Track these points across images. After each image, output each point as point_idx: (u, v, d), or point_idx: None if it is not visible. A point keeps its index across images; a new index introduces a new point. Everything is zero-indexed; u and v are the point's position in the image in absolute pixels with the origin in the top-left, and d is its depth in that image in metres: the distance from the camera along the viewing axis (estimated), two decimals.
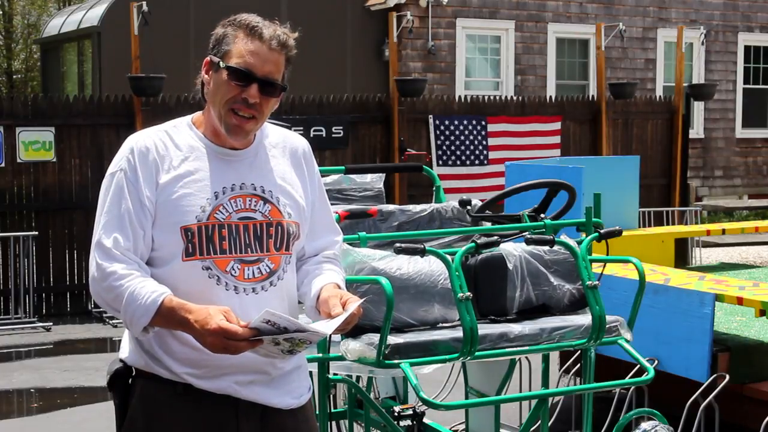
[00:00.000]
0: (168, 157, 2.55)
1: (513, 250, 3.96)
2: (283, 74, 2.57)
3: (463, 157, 12.28)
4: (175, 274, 2.50)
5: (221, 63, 2.52)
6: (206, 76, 2.58)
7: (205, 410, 2.53)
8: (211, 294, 2.47)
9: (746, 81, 18.56)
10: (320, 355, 3.80)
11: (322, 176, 4.23)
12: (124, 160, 2.54)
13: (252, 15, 2.57)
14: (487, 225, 4.37)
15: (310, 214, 2.70)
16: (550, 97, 14.13)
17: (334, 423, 4.77)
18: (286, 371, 2.62)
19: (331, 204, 2.90)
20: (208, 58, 2.58)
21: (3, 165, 9.91)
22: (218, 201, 2.53)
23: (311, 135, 11.19)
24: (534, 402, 4.13)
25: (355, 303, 2.49)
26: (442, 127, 12.16)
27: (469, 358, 3.53)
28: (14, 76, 28.01)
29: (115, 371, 2.60)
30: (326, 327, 2.39)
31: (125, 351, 2.62)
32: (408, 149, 11.70)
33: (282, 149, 2.69)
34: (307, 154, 2.74)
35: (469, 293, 3.50)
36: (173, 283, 2.49)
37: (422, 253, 3.55)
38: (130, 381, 2.60)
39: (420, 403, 4.14)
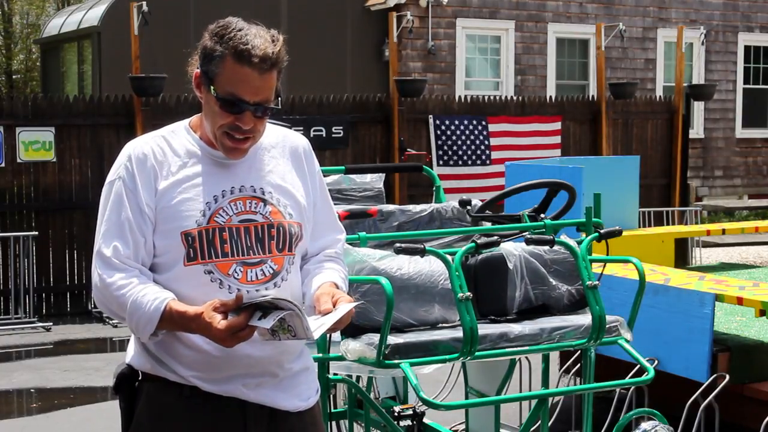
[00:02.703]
0: (166, 164, 2.54)
1: (513, 250, 3.96)
2: (276, 88, 2.52)
3: (465, 157, 12.28)
4: (178, 279, 2.50)
5: (212, 89, 2.47)
6: (198, 91, 2.55)
7: (212, 413, 2.53)
8: (214, 297, 2.45)
9: (746, 81, 18.55)
10: (320, 355, 3.79)
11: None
12: (123, 168, 2.53)
13: (240, 28, 2.46)
14: (487, 225, 4.37)
15: (311, 213, 2.69)
16: (550, 97, 14.13)
17: (334, 423, 4.77)
18: (294, 372, 2.62)
19: None
20: (197, 71, 2.53)
21: (3, 165, 9.91)
22: (218, 204, 2.52)
23: (311, 135, 11.19)
24: (534, 402, 4.13)
25: (345, 306, 2.46)
26: (442, 127, 12.16)
27: (469, 358, 3.53)
28: (14, 76, 28.00)
29: (121, 374, 2.59)
30: (315, 325, 2.37)
31: (131, 354, 2.62)
32: (408, 149, 11.70)
33: (282, 149, 2.68)
34: (307, 152, 2.73)
35: (469, 293, 3.50)
36: (176, 288, 2.49)
37: (422, 253, 3.55)
38: (136, 384, 2.60)
39: (420, 403, 4.13)
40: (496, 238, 3.80)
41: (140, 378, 2.59)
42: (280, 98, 2.55)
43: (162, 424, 2.54)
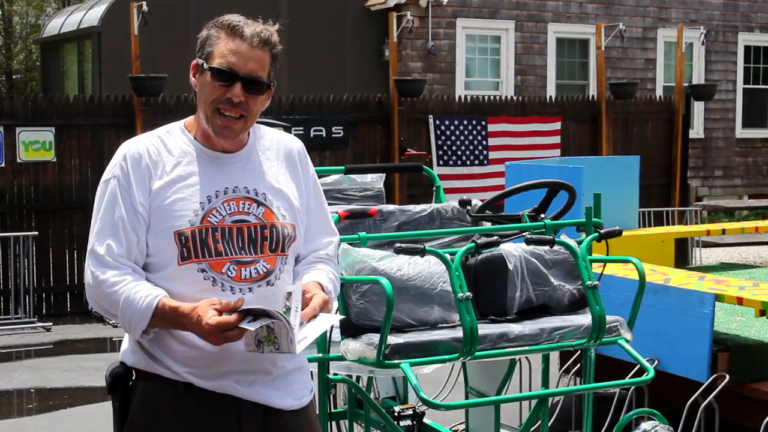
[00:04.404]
0: (161, 163, 2.56)
1: (513, 250, 3.96)
2: (269, 72, 2.56)
3: (464, 157, 12.28)
4: (171, 278, 2.51)
5: (205, 65, 2.53)
6: (193, 79, 2.59)
7: (206, 411, 2.53)
8: (207, 295, 2.47)
9: (746, 81, 18.55)
10: (320, 355, 3.79)
11: (322, 176, 4.21)
12: (117, 167, 2.55)
13: (235, 15, 2.57)
14: (487, 225, 4.37)
15: (305, 215, 2.70)
16: (550, 97, 14.12)
17: (334, 423, 4.77)
18: (288, 371, 2.62)
19: (331, 204, 2.89)
20: (194, 62, 2.58)
21: (3, 165, 9.91)
22: (211, 205, 2.54)
23: (311, 135, 11.19)
24: (534, 402, 4.13)
25: (328, 317, 2.47)
26: (442, 127, 12.16)
27: (469, 358, 3.53)
28: (14, 76, 28.00)
29: (116, 374, 2.60)
30: (298, 337, 2.38)
31: (125, 352, 2.62)
32: (408, 149, 11.70)
33: (276, 151, 2.69)
34: (301, 154, 2.74)
35: (469, 293, 3.50)
36: (169, 286, 2.50)
37: (422, 253, 3.55)
38: (130, 384, 2.60)
39: (420, 403, 4.13)
40: (496, 238, 3.80)
41: (134, 378, 2.59)
42: (273, 84, 2.59)
43: (157, 422, 2.54)
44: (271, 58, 2.56)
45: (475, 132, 12.32)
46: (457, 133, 12.23)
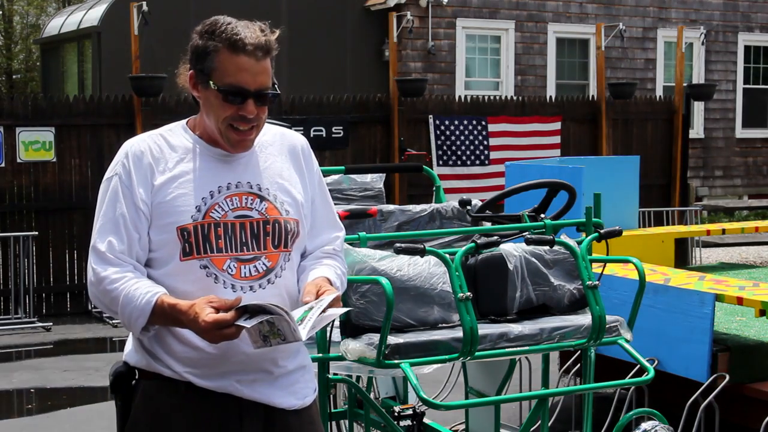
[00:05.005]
0: (163, 160, 2.56)
1: (513, 250, 3.96)
2: (272, 75, 2.55)
3: (464, 157, 12.28)
4: (174, 275, 2.51)
5: (212, 83, 2.50)
6: (195, 92, 2.57)
7: (208, 410, 2.54)
8: (209, 292, 2.47)
9: (746, 81, 18.55)
10: (320, 355, 3.79)
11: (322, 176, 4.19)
12: (120, 165, 2.56)
13: (228, 22, 2.52)
14: (487, 225, 4.37)
15: (309, 210, 2.70)
16: (550, 97, 14.12)
17: (334, 423, 4.77)
18: (289, 370, 2.62)
19: None
20: (192, 72, 2.55)
21: (3, 165, 9.91)
22: (214, 200, 2.54)
23: (311, 135, 11.18)
24: (534, 402, 4.13)
25: (334, 310, 2.46)
26: (442, 127, 12.16)
27: (469, 358, 3.53)
28: (14, 76, 27.99)
29: (118, 373, 2.61)
30: (303, 329, 2.38)
31: (129, 352, 2.63)
32: (408, 149, 11.70)
33: (279, 147, 2.69)
34: (305, 150, 2.74)
35: (469, 293, 3.50)
36: (172, 283, 2.50)
37: (422, 253, 3.54)
38: (133, 383, 2.61)
39: (420, 403, 4.13)
40: (496, 238, 3.80)
41: (136, 377, 2.60)
42: (276, 84, 2.58)
43: (158, 421, 2.55)
44: (271, 60, 2.55)
45: (475, 132, 12.32)
46: (457, 133, 12.23)
